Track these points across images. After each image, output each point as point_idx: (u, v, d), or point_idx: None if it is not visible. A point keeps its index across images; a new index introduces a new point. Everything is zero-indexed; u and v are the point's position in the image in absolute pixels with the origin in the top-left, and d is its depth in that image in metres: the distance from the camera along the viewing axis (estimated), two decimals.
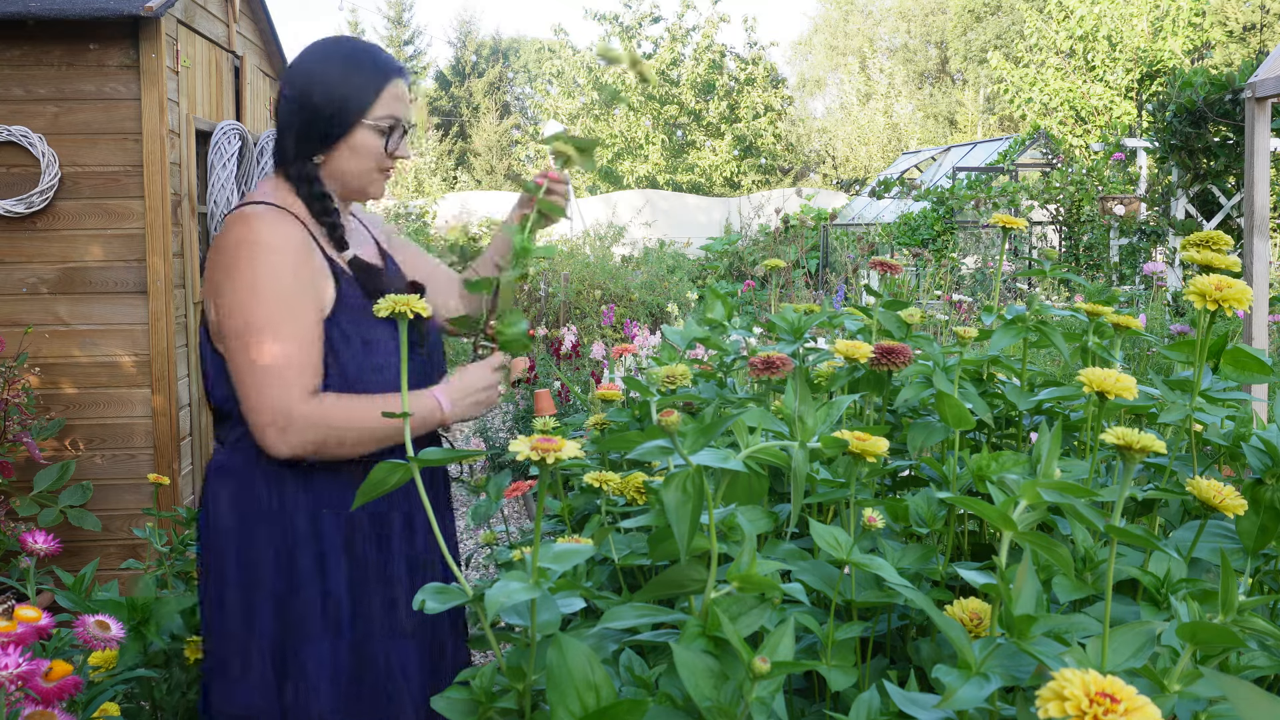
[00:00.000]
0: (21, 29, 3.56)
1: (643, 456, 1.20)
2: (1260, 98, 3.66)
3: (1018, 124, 23.01)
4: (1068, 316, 1.80)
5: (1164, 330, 4.81)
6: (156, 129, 3.61)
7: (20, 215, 3.57)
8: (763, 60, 23.49)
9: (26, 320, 3.62)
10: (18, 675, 1.20)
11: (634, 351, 2.56)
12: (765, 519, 1.32)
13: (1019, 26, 24.14)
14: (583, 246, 11.29)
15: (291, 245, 1.69)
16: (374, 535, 1.77)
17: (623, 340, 7.41)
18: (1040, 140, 11.71)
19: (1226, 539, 1.33)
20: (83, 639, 1.48)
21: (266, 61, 5.11)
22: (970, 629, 1.18)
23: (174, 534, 2.62)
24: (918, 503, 1.43)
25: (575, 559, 1.18)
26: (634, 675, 1.18)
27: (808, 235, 13.21)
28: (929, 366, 1.63)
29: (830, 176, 28.34)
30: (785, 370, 1.52)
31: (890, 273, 1.90)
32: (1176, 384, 1.49)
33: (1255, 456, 1.35)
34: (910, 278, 7.18)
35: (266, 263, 1.66)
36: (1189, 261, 1.35)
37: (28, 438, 3.40)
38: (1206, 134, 7.30)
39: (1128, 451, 1.07)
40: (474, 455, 1.45)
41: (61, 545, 1.92)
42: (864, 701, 1.06)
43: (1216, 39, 18.39)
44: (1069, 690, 0.79)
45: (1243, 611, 1.03)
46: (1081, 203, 9.39)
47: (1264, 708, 0.77)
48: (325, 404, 1.65)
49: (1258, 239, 3.62)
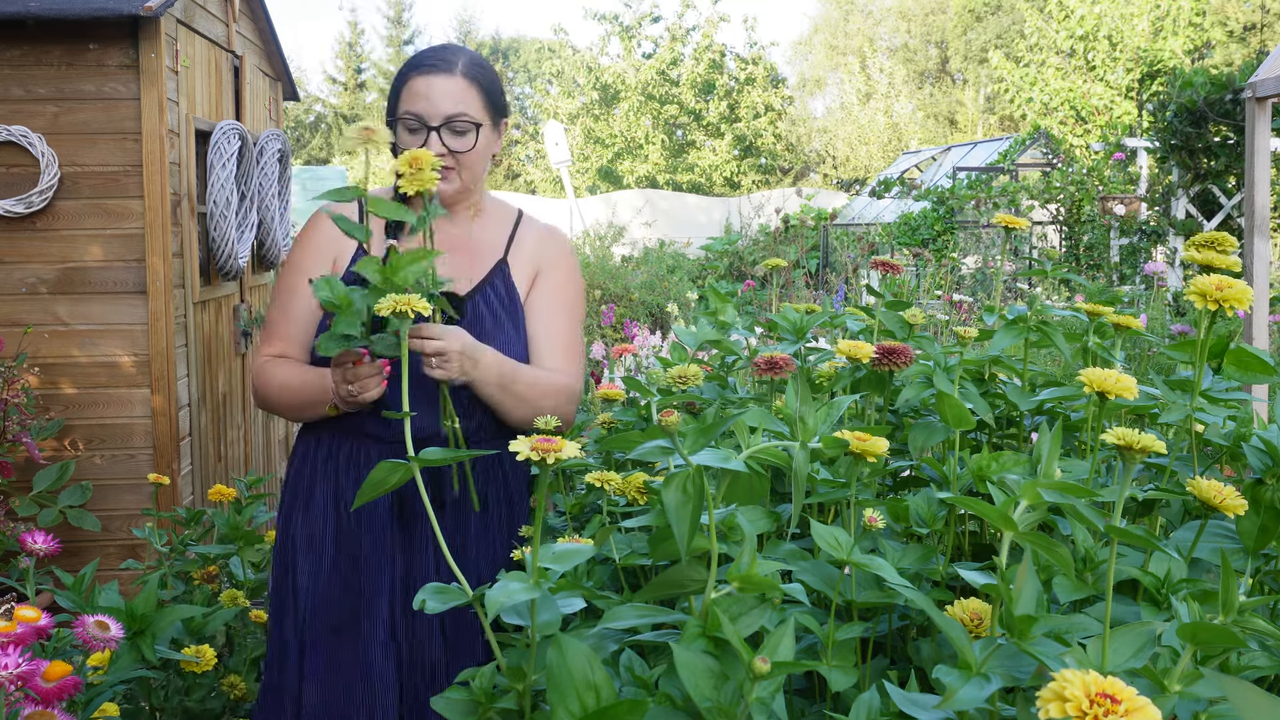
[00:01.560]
0: (21, 29, 3.56)
1: (643, 456, 1.20)
2: (1260, 98, 3.65)
3: (1018, 124, 23.01)
4: (1069, 316, 1.80)
5: (1165, 330, 4.81)
6: (156, 129, 3.61)
7: (20, 215, 3.57)
8: (763, 60, 23.48)
9: (26, 320, 3.62)
10: (17, 675, 1.20)
11: (634, 351, 2.56)
12: (766, 519, 1.32)
13: (1019, 26, 24.13)
14: (582, 246, 11.29)
15: (321, 237, 1.96)
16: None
17: (623, 340, 7.41)
18: (1040, 140, 11.70)
19: (1227, 539, 1.33)
20: (82, 639, 1.48)
21: (266, 61, 5.11)
22: (971, 629, 1.18)
23: (174, 534, 2.62)
24: (918, 503, 1.43)
25: (575, 559, 1.18)
26: (634, 675, 1.18)
27: (808, 235, 13.21)
28: (930, 367, 1.63)
29: (830, 176, 28.34)
30: (788, 370, 1.52)
31: (891, 273, 1.90)
32: (1177, 384, 1.49)
33: (1256, 456, 1.35)
34: (910, 278, 7.18)
35: (298, 246, 1.99)
36: (1190, 262, 1.35)
37: (27, 438, 3.40)
38: (1207, 134, 7.30)
39: (1128, 452, 1.07)
40: (474, 455, 1.45)
41: (61, 545, 1.92)
42: (864, 702, 1.06)
43: (1217, 39, 18.40)
44: (1070, 691, 0.79)
45: (1243, 612, 1.03)
46: (1082, 203, 9.39)
47: (1264, 708, 0.77)
48: (269, 365, 1.92)
49: (1258, 239, 3.62)
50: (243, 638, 2.49)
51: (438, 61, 1.87)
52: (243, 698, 2.32)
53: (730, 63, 23.36)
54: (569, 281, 2.01)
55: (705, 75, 22.93)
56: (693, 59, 23.03)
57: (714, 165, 23.31)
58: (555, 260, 2.00)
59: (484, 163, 1.93)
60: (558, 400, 1.88)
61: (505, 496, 1.92)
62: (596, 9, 23.22)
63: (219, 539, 2.55)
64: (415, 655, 1.84)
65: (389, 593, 1.83)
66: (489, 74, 1.93)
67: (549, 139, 14.09)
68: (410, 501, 1.84)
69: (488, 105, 1.90)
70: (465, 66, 1.88)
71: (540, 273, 1.98)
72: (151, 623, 1.69)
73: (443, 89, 1.85)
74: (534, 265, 1.98)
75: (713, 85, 23.10)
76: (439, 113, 1.84)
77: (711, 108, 23.04)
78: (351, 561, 1.86)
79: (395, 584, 1.84)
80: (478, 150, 1.89)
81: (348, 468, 1.89)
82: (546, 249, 2.00)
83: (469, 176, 1.91)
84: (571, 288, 2.01)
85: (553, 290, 1.98)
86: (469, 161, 1.89)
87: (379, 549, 1.85)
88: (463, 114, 1.86)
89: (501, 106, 1.95)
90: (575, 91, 23.70)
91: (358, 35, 35.30)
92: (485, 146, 1.91)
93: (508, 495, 1.92)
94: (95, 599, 1.76)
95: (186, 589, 2.52)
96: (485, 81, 1.91)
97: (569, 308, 1.99)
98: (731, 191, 23.30)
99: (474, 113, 1.87)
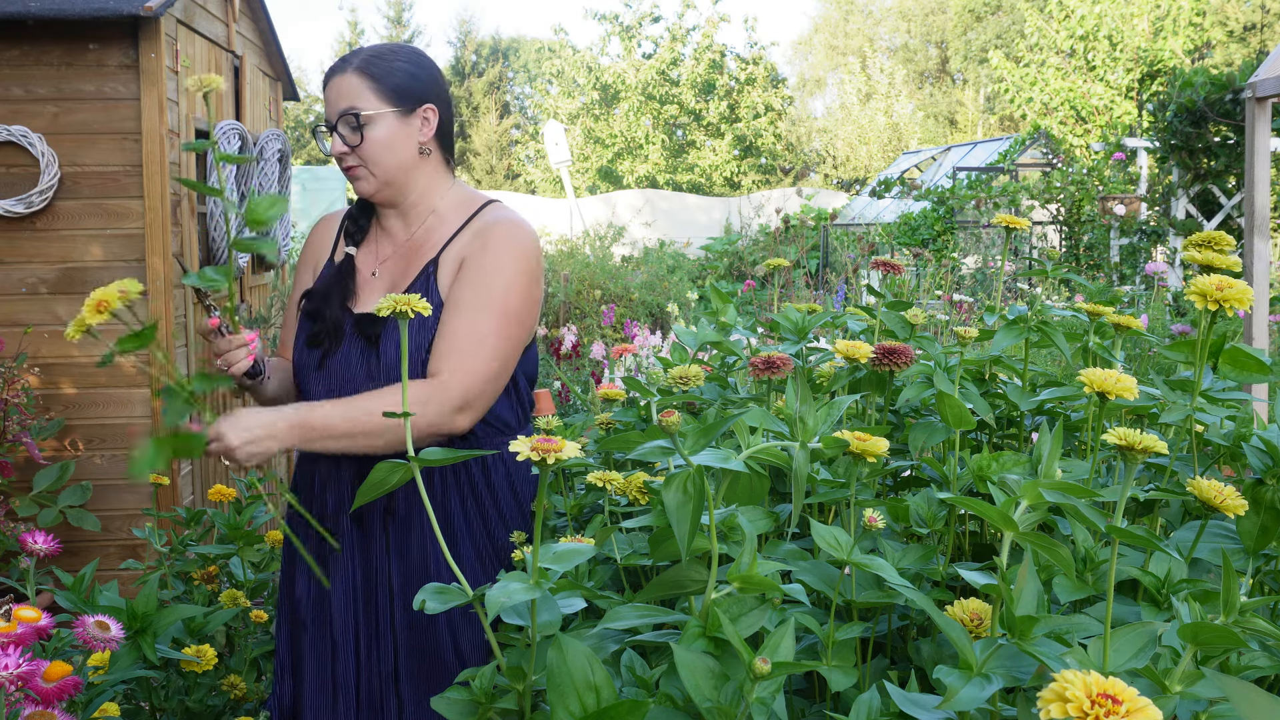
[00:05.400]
0: (21, 29, 3.56)
1: (644, 456, 1.20)
2: (1260, 98, 3.65)
3: (1018, 124, 23.01)
4: (1069, 317, 1.79)
5: (1165, 330, 4.80)
6: (156, 129, 3.61)
7: (20, 215, 3.57)
8: (763, 60, 23.48)
9: (26, 320, 3.62)
10: (18, 676, 1.20)
11: (634, 351, 2.55)
12: (766, 519, 1.32)
13: (1019, 26, 24.13)
14: (582, 246, 11.27)
15: (309, 246, 2.04)
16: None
17: (623, 340, 7.41)
18: (1040, 140, 11.69)
19: (1227, 539, 1.33)
20: (82, 639, 1.48)
21: (266, 61, 5.11)
22: (971, 629, 1.18)
23: (174, 534, 2.62)
24: (918, 503, 1.43)
25: (576, 559, 1.18)
26: (635, 675, 1.17)
27: (808, 235, 13.20)
28: (930, 366, 1.63)
29: (830, 176, 28.33)
30: (786, 370, 1.52)
31: (892, 273, 1.89)
32: (1177, 384, 1.49)
33: (1256, 456, 1.35)
34: (911, 278, 7.17)
35: (300, 256, 2.06)
36: (1190, 262, 1.35)
37: (27, 438, 3.40)
38: (1207, 134, 7.30)
39: (1130, 452, 1.07)
40: (474, 455, 1.45)
41: (61, 545, 1.92)
42: (864, 702, 1.06)
43: (1217, 39, 18.39)
44: (1071, 691, 0.79)
45: (1244, 612, 1.02)
46: (1082, 203, 9.38)
47: (1264, 708, 0.77)
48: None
49: (1258, 239, 3.62)
50: (243, 638, 2.49)
51: (337, 64, 1.87)
52: (243, 698, 2.32)
53: (730, 63, 23.36)
54: (490, 271, 1.82)
55: (705, 75, 22.93)
56: (693, 59, 23.03)
57: (714, 165, 23.31)
58: (482, 251, 1.83)
59: (392, 154, 1.84)
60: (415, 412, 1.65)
61: (477, 508, 1.88)
62: (596, 9, 23.23)
63: (219, 539, 2.55)
64: (373, 659, 1.84)
65: (350, 594, 1.85)
66: (388, 64, 1.85)
67: (549, 139, 14.08)
68: (365, 508, 1.84)
69: (386, 94, 1.83)
70: (360, 62, 1.84)
71: (463, 264, 1.84)
72: (152, 622, 1.69)
73: (336, 88, 1.85)
74: (460, 259, 1.84)
75: (713, 85, 23.09)
76: (335, 111, 1.84)
77: (711, 108, 23.04)
78: (319, 564, 1.87)
79: (355, 586, 1.85)
80: (375, 141, 1.82)
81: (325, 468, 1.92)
82: (478, 240, 1.85)
83: (380, 171, 1.85)
84: (493, 278, 1.81)
85: (463, 282, 1.82)
86: (369, 155, 1.83)
87: (341, 557, 1.87)
88: (351, 108, 1.82)
89: (411, 92, 1.85)
90: (575, 91, 23.69)
91: (358, 35, 35.28)
92: (387, 136, 1.83)
93: (479, 506, 1.88)
94: (95, 599, 1.76)
95: (186, 589, 2.52)
96: (380, 72, 1.84)
97: (479, 301, 1.80)
98: (731, 191, 23.29)
99: (364, 105, 1.82)
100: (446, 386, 1.76)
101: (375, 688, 1.82)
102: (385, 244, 1.95)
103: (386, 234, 1.95)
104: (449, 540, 1.84)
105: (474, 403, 1.79)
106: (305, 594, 1.90)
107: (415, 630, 1.81)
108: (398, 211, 1.93)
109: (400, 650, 1.82)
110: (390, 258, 1.92)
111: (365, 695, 1.83)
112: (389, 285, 1.89)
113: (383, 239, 1.95)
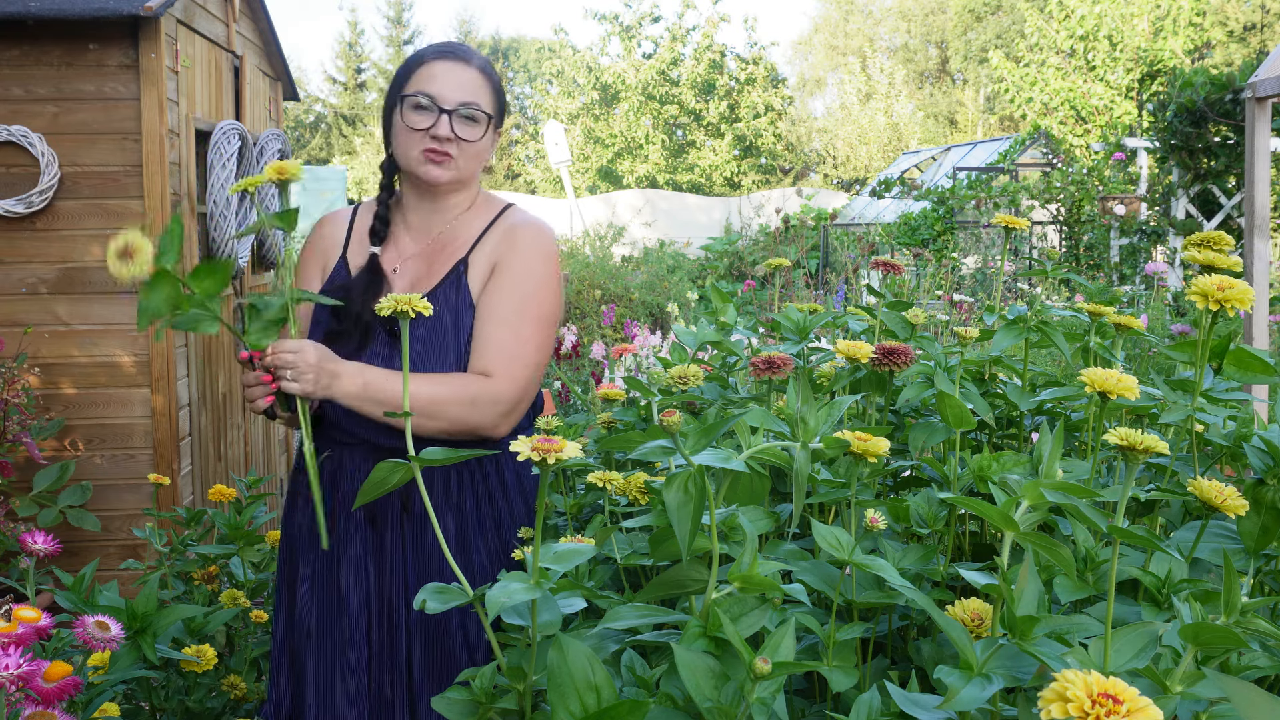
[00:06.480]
0: (21, 29, 3.56)
1: (644, 456, 1.19)
2: (1260, 98, 3.65)
3: (1018, 124, 23.01)
4: (1069, 317, 1.79)
5: (1165, 330, 4.80)
6: (156, 129, 3.61)
7: (20, 215, 3.57)
8: (763, 60, 23.47)
9: (26, 320, 3.62)
10: (18, 676, 1.20)
11: (634, 351, 2.55)
12: (766, 519, 1.32)
13: (1019, 26, 24.13)
14: (582, 246, 11.27)
15: (314, 246, 2.00)
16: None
17: (623, 340, 7.41)
18: (1040, 140, 11.69)
19: (1228, 539, 1.33)
20: (82, 639, 1.48)
21: (266, 61, 5.11)
22: (972, 629, 1.18)
23: (174, 534, 2.62)
24: (919, 503, 1.43)
25: (576, 559, 1.18)
26: (635, 675, 1.17)
27: (808, 235, 13.20)
28: (931, 367, 1.63)
29: (830, 176, 28.33)
30: (787, 370, 1.52)
31: (892, 273, 1.89)
32: (1178, 384, 1.49)
33: (1256, 456, 1.35)
34: (911, 278, 7.17)
35: (301, 254, 2.01)
36: (1190, 262, 1.35)
37: (27, 438, 3.40)
38: (1207, 134, 7.30)
39: (1131, 452, 1.07)
40: (474, 455, 1.45)
41: (61, 545, 1.92)
42: (865, 702, 1.06)
43: (1217, 39, 18.40)
44: (1071, 691, 0.79)
45: (1245, 612, 1.02)
46: (1082, 203, 9.38)
47: (1265, 708, 0.76)
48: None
49: (1258, 239, 3.62)
50: (243, 638, 2.49)
51: (457, 51, 1.90)
52: (243, 698, 2.32)
53: (730, 63, 23.35)
54: (524, 277, 1.86)
55: (705, 75, 22.92)
56: (693, 59, 23.02)
57: (714, 165, 23.30)
58: (513, 254, 1.87)
59: (479, 160, 1.92)
60: (462, 410, 1.76)
61: (490, 508, 1.88)
62: (596, 9, 23.22)
63: (219, 539, 2.55)
64: (384, 655, 1.83)
65: (364, 598, 1.84)
66: (498, 78, 1.96)
67: (549, 139, 14.08)
68: (380, 507, 1.84)
69: (494, 105, 1.92)
70: (481, 62, 1.92)
71: (495, 268, 1.87)
72: (152, 622, 1.69)
73: (460, 77, 1.87)
74: (491, 261, 1.88)
75: (713, 85, 23.09)
76: (453, 98, 1.85)
77: (711, 108, 23.03)
78: (328, 565, 1.86)
79: (369, 590, 1.84)
80: (480, 143, 1.90)
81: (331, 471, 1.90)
82: (508, 242, 1.89)
83: (465, 167, 1.89)
84: (527, 283, 1.86)
85: (501, 287, 1.85)
86: (472, 152, 1.89)
87: (354, 554, 1.86)
88: (476, 103, 1.87)
89: (503, 112, 1.97)
90: (575, 91, 23.68)
91: (357, 35, 35.28)
92: (487, 143, 1.92)
93: (492, 507, 1.88)
94: (95, 599, 1.76)
95: (186, 589, 2.52)
96: (495, 83, 1.94)
97: (518, 305, 1.84)
98: (731, 191, 23.29)
99: (485, 106, 1.89)
100: (498, 390, 1.79)
101: (386, 685, 1.82)
102: (406, 241, 1.95)
103: (409, 230, 1.95)
104: (463, 540, 1.84)
105: (519, 408, 1.84)
106: (309, 596, 1.88)
107: (429, 627, 1.82)
108: (435, 206, 1.93)
109: (414, 646, 1.82)
110: (413, 256, 1.93)
111: (375, 692, 1.82)
112: (410, 283, 1.90)
113: (403, 236, 1.95)
